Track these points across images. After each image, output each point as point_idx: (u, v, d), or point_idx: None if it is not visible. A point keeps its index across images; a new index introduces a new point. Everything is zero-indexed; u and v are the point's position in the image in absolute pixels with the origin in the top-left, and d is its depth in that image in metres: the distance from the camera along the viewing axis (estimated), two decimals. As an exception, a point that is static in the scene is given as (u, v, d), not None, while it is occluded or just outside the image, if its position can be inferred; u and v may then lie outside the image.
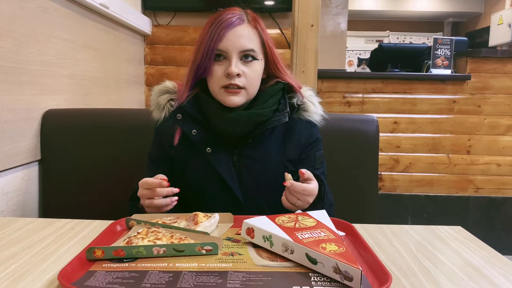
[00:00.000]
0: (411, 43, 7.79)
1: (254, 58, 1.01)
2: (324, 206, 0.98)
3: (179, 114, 1.03)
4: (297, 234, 0.73)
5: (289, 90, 1.09)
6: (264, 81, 1.07)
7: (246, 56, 1.00)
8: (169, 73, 2.77)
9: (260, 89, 1.05)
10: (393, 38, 8.17)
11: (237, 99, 1.00)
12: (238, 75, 0.98)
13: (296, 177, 1.03)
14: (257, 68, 1.02)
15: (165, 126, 1.07)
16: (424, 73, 3.15)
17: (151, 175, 1.11)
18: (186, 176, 1.06)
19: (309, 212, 0.85)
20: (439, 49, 3.02)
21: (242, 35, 0.99)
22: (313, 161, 1.10)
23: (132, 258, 0.71)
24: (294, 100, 1.08)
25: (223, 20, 0.99)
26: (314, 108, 1.10)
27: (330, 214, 0.93)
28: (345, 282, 0.62)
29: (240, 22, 1.00)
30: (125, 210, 1.04)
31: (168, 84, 1.10)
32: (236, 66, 0.98)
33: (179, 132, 1.04)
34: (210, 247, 0.73)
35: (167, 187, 0.92)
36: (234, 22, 0.99)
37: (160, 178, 0.92)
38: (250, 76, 1.00)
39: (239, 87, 0.99)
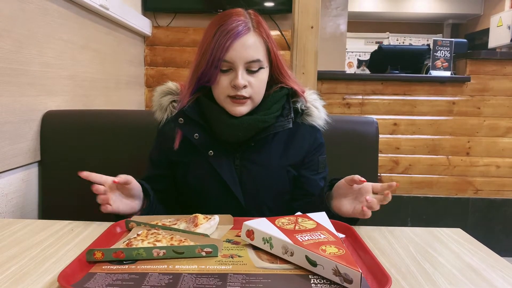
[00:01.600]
0: (410, 44, 7.78)
1: (260, 68, 0.99)
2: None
3: (181, 119, 1.03)
4: (297, 236, 0.73)
5: (293, 94, 1.08)
6: (267, 85, 1.05)
7: (252, 67, 0.98)
8: (169, 74, 2.77)
9: (264, 94, 1.04)
10: (392, 39, 8.17)
11: (243, 109, 0.99)
12: (245, 86, 0.97)
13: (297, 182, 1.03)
14: (263, 77, 1.01)
15: (167, 128, 1.07)
16: (424, 75, 3.15)
17: (150, 175, 1.11)
18: (188, 178, 1.06)
19: (309, 214, 0.85)
20: (439, 51, 3.02)
21: (248, 45, 0.97)
22: (316, 166, 1.10)
23: (132, 260, 0.71)
24: (298, 105, 1.07)
25: (228, 29, 0.96)
26: (318, 113, 1.09)
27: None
28: (345, 284, 0.62)
29: (246, 31, 0.97)
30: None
31: (171, 85, 1.10)
32: (242, 77, 0.96)
33: (179, 136, 1.04)
34: (210, 249, 0.73)
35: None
36: (240, 31, 0.96)
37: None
38: (256, 86, 0.99)
39: (245, 97, 0.98)
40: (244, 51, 0.96)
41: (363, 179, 0.88)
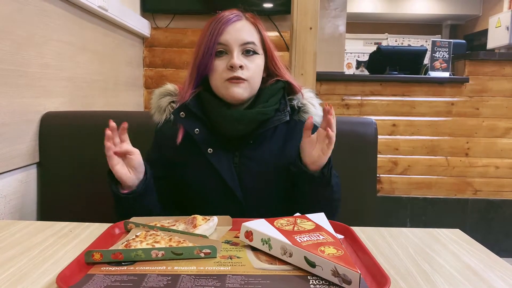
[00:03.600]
0: (409, 45, 7.78)
1: (255, 52, 1.02)
2: (331, 176, 0.98)
3: (182, 112, 1.04)
4: (295, 237, 0.73)
5: (289, 90, 1.09)
6: (264, 80, 1.07)
7: (248, 51, 1.01)
8: (168, 76, 2.77)
9: (260, 88, 1.06)
10: (391, 40, 8.18)
11: (240, 91, 1.00)
12: (241, 67, 0.99)
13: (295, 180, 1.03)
14: (258, 62, 1.03)
15: (165, 128, 1.07)
16: (423, 76, 3.16)
17: None
18: (186, 177, 1.06)
19: (308, 215, 0.85)
20: (437, 52, 3.02)
21: (242, 29, 1.02)
22: None
23: (131, 261, 0.71)
24: (295, 102, 1.09)
25: (223, 17, 1.02)
26: (315, 110, 1.10)
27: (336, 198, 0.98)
28: (344, 285, 0.62)
29: (238, 18, 1.03)
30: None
31: (169, 86, 1.11)
32: (238, 58, 0.99)
33: (182, 131, 1.05)
34: (208, 250, 0.73)
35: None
36: (232, 18, 1.02)
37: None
38: (252, 69, 1.01)
39: (242, 79, 0.99)
40: (238, 34, 1.01)
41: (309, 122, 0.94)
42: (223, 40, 1.00)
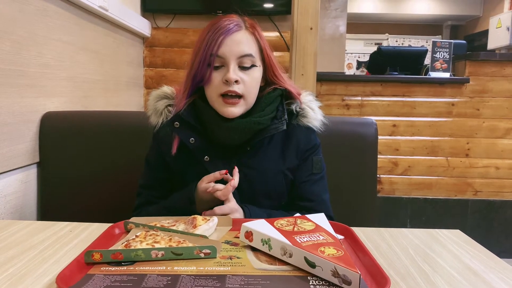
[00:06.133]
0: (410, 46, 7.78)
1: (253, 65, 0.99)
2: None
3: (176, 122, 1.02)
4: (295, 238, 0.73)
5: (287, 96, 1.07)
6: (262, 88, 1.05)
7: (245, 63, 0.98)
8: (168, 76, 2.77)
9: (258, 96, 1.03)
10: (392, 41, 8.18)
11: (235, 110, 0.98)
12: (237, 81, 0.96)
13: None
14: (255, 75, 1.00)
15: (163, 133, 1.05)
16: (423, 76, 3.16)
17: (148, 179, 1.10)
18: (185, 184, 1.05)
19: (308, 216, 0.85)
20: (438, 52, 3.02)
21: (240, 41, 0.98)
22: (310, 166, 1.08)
23: (130, 262, 0.71)
24: (293, 107, 1.06)
25: (220, 27, 0.98)
26: (314, 114, 1.08)
27: None
28: (344, 285, 0.62)
29: (237, 28, 0.99)
30: (123, 212, 1.04)
31: (166, 89, 1.09)
32: (234, 72, 0.96)
33: (177, 141, 1.03)
34: (208, 251, 0.73)
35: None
36: (231, 28, 0.98)
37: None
38: (249, 83, 0.98)
39: (237, 95, 0.97)
40: (236, 46, 0.97)
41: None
42: (220, 53, 0.96)
